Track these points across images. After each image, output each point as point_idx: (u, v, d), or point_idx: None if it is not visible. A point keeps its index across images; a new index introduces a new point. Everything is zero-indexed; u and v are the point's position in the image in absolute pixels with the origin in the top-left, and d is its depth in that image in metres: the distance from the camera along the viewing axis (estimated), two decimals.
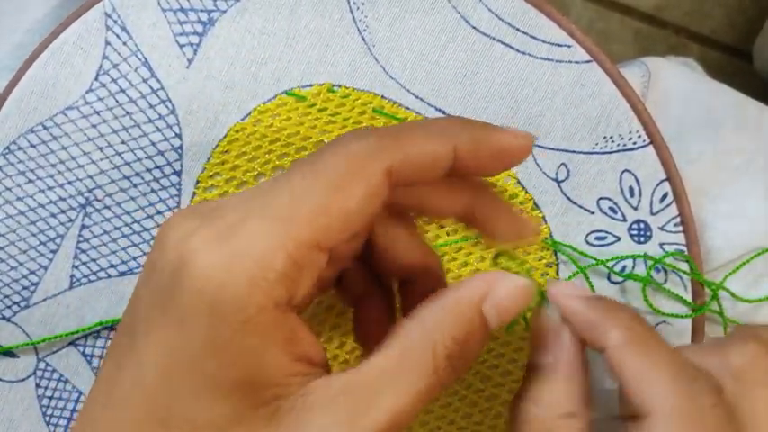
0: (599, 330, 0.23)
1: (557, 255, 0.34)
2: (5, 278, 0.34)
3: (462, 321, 0.22)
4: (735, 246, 0.35)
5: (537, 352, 0.24)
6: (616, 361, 0.22)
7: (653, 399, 0.21)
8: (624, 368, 0.22)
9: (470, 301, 0.22)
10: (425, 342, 0.21)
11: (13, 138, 0.34)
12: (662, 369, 0.22)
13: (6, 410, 0.35)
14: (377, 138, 0.21)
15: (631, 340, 0.22)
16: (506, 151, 0.23)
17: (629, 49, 0.83)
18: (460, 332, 0.22)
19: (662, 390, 0.21)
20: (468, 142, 0.22)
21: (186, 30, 0.33)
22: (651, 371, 0.22)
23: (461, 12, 0.33)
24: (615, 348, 0.22)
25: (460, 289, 0.22)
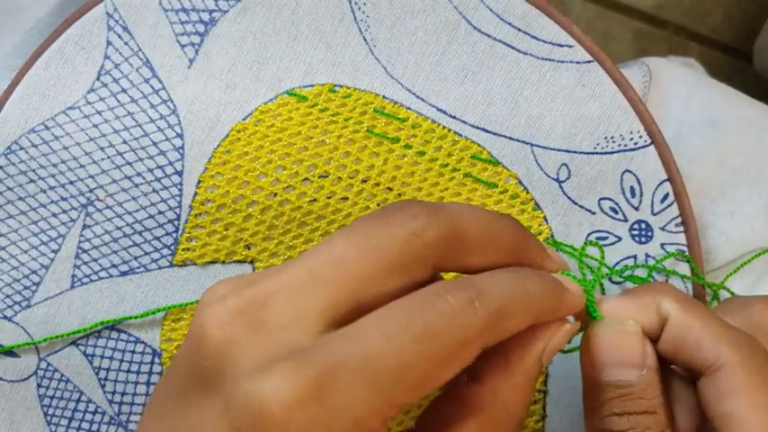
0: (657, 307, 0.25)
1: None
2: (7, 278, 0.34)
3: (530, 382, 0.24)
4: (735, 246, 0.35)
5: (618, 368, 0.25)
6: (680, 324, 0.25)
7: (724, 350, 0.24)
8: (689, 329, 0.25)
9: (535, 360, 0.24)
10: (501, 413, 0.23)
11: (15, 137, 0.34)
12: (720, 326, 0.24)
13: (8, 410, 0.35)
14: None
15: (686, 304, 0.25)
16: None
17: (629, 49, 0.83)
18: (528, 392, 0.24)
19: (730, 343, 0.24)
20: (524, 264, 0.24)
21: (188, 30, 0.33)
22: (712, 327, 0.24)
23: (463, 12, 0.33)
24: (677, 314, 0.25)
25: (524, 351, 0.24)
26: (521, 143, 0.34)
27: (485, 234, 0.23)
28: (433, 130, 0.34)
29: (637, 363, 0.25)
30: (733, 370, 0.24)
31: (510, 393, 0.23)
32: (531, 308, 0.23)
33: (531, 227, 0.34)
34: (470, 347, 0.21)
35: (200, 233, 0.34)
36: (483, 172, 0.34)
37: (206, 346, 0.21)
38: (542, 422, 0.34)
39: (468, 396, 0.23)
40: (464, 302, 0.21)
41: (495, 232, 0.23)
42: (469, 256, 0.23)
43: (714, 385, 0.24)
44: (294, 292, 0.21)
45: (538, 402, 0.34)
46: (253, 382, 0.19)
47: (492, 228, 0.23)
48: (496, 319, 0.21)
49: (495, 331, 0.22)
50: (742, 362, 0.24)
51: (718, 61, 0.84)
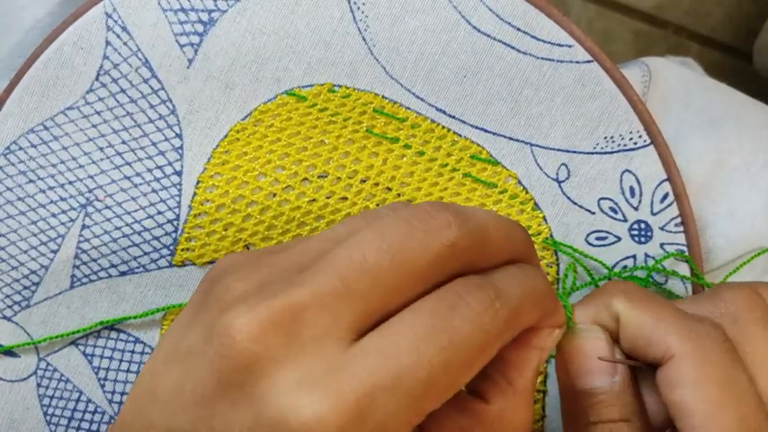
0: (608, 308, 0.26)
1: (557, 255, 0.34)
2: (6, 278, 0.34)
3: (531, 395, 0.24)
4: (735, 245, 0.35)
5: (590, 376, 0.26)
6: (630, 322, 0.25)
7: (673, 342, 0.24)
8: (639, 326, 0.25)
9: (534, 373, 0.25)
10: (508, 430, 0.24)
11: (14, 138, 0.34)
12: (670, 318, 0.25)
13: (7, 410, 0.35)
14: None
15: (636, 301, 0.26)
16: None
17: (629, 48, 0.83)
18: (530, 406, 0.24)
19: (677, 335, 0.24)
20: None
21: (187, 30, 0.33)
22: (662, 322, 0.25)
23: (462, 11, 0.33)
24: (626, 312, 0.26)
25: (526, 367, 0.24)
26: (520, 143, 0.34)
27: (504, 243, 0.24)
28: (432, 129, 0.34)
29: (606, 369, 0.26)
30: (682, 360, 0.24)
31: (515, 411, 0.24)
32: (539, 305, 0.24)
33: (531, 227, 0.34)
34: (492, 348, 0.21)
35: (199, 233, 0.34)
36: (482, 172, 0.34)
37: (233, 356, 0.20)
38: (542, 422, 0.34)
39: (476, 412, 0.24)
40: (486, 305, 0.21)
41: (512, 241, 0.24)
42: (487, 263, 0.23)
43: (665, 375, 0.24)
44: (327, 302, 0.21)
45: (537, 402, 0.34)
46: (289, 400, 0.19)
47: (510, 237, 0.24)
48: (514, 318, 0.22)
49: (512, 331, 0.22)
50: (691, 352, 0.24)
51: (717, 61, 0.84)
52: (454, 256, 0.22)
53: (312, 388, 0.19)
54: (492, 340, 0.21)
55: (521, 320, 0.23)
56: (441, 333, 0.20)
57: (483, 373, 0.24)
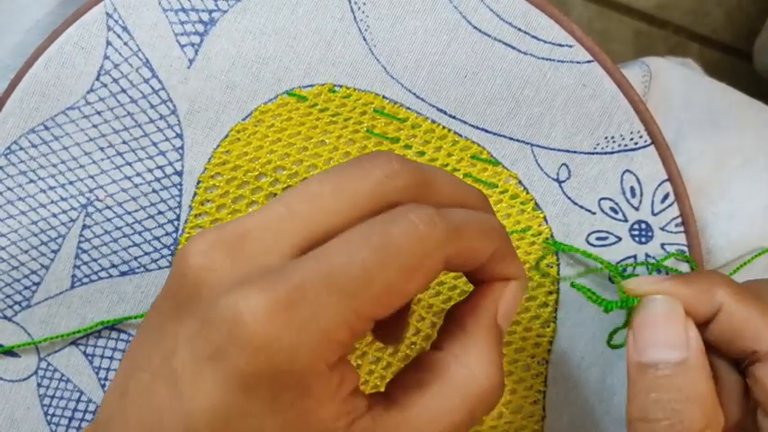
0: (708, 295, 0.26)
1: (558, 255, 0.34)
2: (7, 278, 0.34)
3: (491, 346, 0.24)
4: (735, 245, 0.35)
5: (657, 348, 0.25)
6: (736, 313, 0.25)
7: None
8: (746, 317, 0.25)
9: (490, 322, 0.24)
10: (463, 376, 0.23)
11: (15, 138, 0.34)
12: None
13: (8, 410, 0.35)
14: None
15: (740, 293, 0.26)
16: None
17: (628, 48, 0.83)
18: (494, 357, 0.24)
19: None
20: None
21: (187, 30, 0.33)
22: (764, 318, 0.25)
23: (463, 11, 0.33)
24: (732, 303, 0.25)
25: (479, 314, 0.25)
26: (521, 143, 0.34)
27: (453, 192, 0.24)
28: (432, 130, 0.34)
29: (677, 343, 0.25)
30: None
31: (470, 356, 0.24)
32: (486, 235, 0.24)
33: (531, 227, 0.34)
34: (431, 258, 0.22)
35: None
36: (483, 172, 0.34)
37: (184, 274, 0.22)
38: (542, 422, 0.34)
39: (431, 362, 0.24)
40: (424, 218, 0.21)
41: (463, 194, 0.24)
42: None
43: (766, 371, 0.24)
44: (271, 224, 0.22)
45: (538, 403, 0.34)
46: (227, 298, 0.20)
47: (460, 190, 0.24)
48: (455, 234, 0.22)
49: (453, 245, 0.22)
50: None
51: (717, 61, 0.84)
52: (396, 189, 0.22)
53: (246, 285, 0.20)
54: (430, 248, 0.21)
55: (462, 238, 0.23)
56: (374, 235, 0.21)
57: (442, 329, 0.25)
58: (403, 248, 0.21)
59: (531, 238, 0.34)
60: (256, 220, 0.22)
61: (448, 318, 0.25)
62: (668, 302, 0.26)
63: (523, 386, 0.34)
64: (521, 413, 0.34)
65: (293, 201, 0.22)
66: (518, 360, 0.34)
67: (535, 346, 0.34)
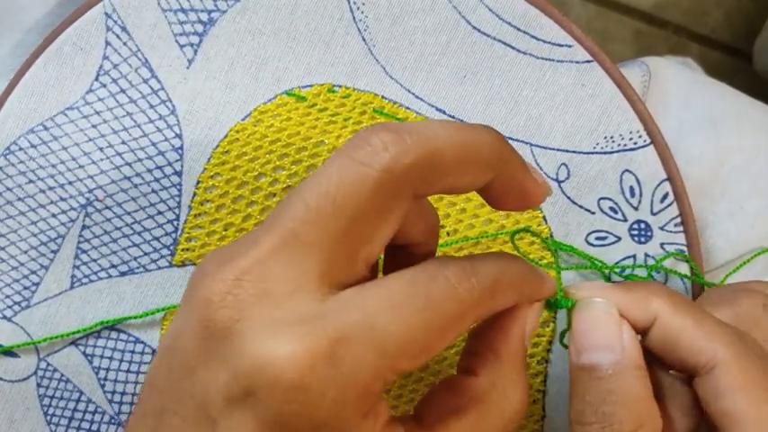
0: (644, 304, 0.25)
1: (557, 254, 0.34)
2: (6, 278, 0.34)
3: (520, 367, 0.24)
4: (735, 245, 0.35)
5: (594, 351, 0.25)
6: (671, 325, 0.25)
7: (718, 348, 0.24)
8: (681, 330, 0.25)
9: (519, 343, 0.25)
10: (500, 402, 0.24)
11: (14, 138, 0.34)
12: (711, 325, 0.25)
13: (7, 410, 0.35)
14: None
15: (678, 304, 0.25)
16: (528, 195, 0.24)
17: (628, 48, 0.83)
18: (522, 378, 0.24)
19: (722, 342, 0.24)
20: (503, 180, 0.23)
21: (186, 30, 0.33)
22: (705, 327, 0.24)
23: (462, 11, 0.33)
24: (667, 314, 0.25)
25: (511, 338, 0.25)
26: (520, 143, 0.34)
27: (462, 152, 0.22)
28: None
29: (609, 345, 0.25)
30: (728, 367, 0.24)
31: (505, 382, 0.24)
32: (517, 286, 0.24)
33: (531, 226, 0.34)
34: (466, 320, 0.22)
35: (199, 233, 0.34)
36: None
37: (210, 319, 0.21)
38: (542, 422, 0.34)
39: (467, 388, 0.24)
40: (462, 278, 0.21)
41: (472, 148, 0.22)
42: (448, 177, 0.22)
43: (711, 384, 0.24)
44: (283, 256, 0.21)
45: (537, 403, 0.34)
46: (261, 345, 0.20)
47: (469, 143, 0.22)
48: (489, 294, 0.22)
49: (487, 306, 0.22)
50: (736, 358, 0.24)
51: (717, 61, 0.84)
52: (399, 180, 0.21)
53: (284, 333, 0.20)
54: (466, 312, 0.22)
55: (496, 297, 0.23)
56: (418, 297, 0.21)
57: (471, 351, 0.25)
58: (443, 311, 0.21)
59: (530, 238, 0.34)
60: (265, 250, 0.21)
61: (475, 339, 0.25)
62: (602, 305, 0.26)
63: None
64: None
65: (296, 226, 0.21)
66: None
67: (534, 346, 0.34)
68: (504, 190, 0.23)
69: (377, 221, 0.21)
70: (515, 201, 0.24)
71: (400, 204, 0.22)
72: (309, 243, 0.21)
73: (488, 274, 0.22)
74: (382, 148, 0.21)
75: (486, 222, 0.34)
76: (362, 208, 0.21)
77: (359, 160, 0.21)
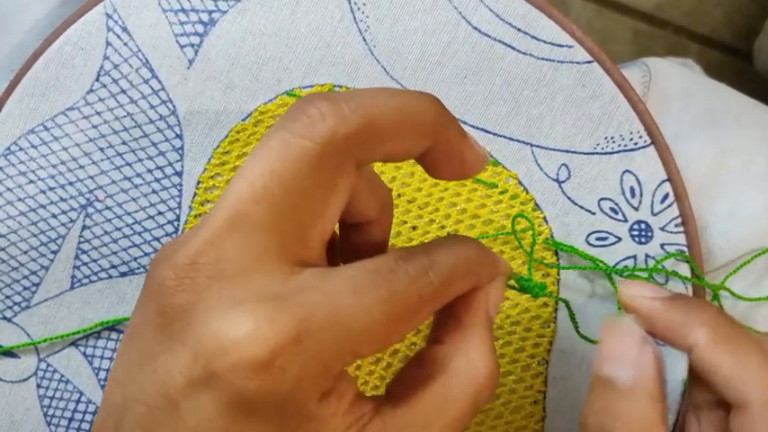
0: (685, 331, 0.25)
1: (557, 255, 0.34)
2: (7, 279, 0.34)
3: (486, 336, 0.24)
4: (735, 245, 0.35)
5: (612, 364, 0.25)
6: (707, 359, 0.24)
7: (750, 392, 0.24)
8: (716, 366, 0.24)
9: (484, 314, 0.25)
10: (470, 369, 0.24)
11: (14, 138, 0.34)
12: (753, 364, 0.24)
13: (8, 411, 0.35)
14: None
15: (719, 338, 0.25)
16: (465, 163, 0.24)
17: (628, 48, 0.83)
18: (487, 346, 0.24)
19: (758, 384, 0.24)
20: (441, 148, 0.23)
21: (187, 30, 0.33)
22: (744, 366, 0.24)
23: (462, 12, 0.33)
24: (705, 347, 0.24)
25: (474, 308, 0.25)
26: (521, 143, 0.34)
27: (401, 118, 0.22)
28: None
29: (630, 362, 0.25)
30: (759, 412, 0.24)
31: (469, 347, 0.24)
32: (472, 273, 0.24)
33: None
34: (424, 311, 0.22)
35: None
36: (483, 172, 0.34)
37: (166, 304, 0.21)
38: (542, 422, 0.34)
39: (432, 357, 0.24)
40: (421, 272, 0.22)
41: (411, 114, 0.22)
42: (388, 144, 0.22)
43: (740, 421, 0.24)
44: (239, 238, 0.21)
45: (538, 403, 0.34)
46: (223, 324, 0.20)
47: (407, 109, 0.22)
48: (446, 286, 0.23)
49: (445, 295, 0.23)
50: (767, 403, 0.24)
51: (717, 61, 0.84)
52: (338, 149, 0.21)
53: (247, 311, 0.20)
54: (425, 304, 0.22)
55: (453, 286, 0.23)
56: (381, 287, 0.21)
57: (438, 323, 0.25)
58: (404, 303, 0.21)
59: (531, 239, 0.34)
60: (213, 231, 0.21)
61: (442, 312, 0.26)
62: (630, 322, 0.26)
63: (523, 386, 0.34)
64: (521, 413, 0.34)
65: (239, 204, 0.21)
66: (518, 360, 0.34)
67: (535, 347, 0.34)
68: (442, 158, 0.23)
69: (324, 195, 0.21)
70: (453, 169, 0.24)
71: (345, 175, 0.22)
72: (260, 223, 0.21)
73: (445, 266, 0.23)
74: (320, 118, 0.20)
75: (487, 222, 0.34)
76: (307, 183, 0.21)
77: (298, 134, 0.21)
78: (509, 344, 0.34)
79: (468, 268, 0.24)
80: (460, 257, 0.24)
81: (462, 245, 0.24)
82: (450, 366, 0.24)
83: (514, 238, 0.34)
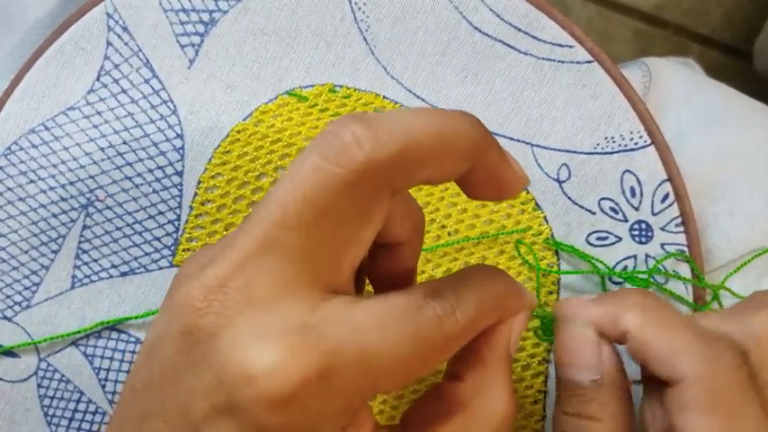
0: (617, 320, 0.25)
1: (558, 255, 0.34)
2: (7, 278, 0.34)
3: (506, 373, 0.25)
4: (735, 245, 0.35)
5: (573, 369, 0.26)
6: (639, 341, 0.25)
7: (683, 367, 0.24)
8: (649, 346, 0.24)
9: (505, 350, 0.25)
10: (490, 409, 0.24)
11: (15, 138, 0.34)
12: (683, 339, 0.24)
13: (8, 410, 0.35)
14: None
15: (649, 319, 0.25)
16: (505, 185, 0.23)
17: (628, 48, 0.83)
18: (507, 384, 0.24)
19: (688, 358, 0.24)
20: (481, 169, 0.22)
21: (188, 30, 0.33)
22: (675, 343, 0.24)
23: (463, 12, 0.33)
24: (636, 330, 0.25)
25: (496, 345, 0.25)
26: (521, 143, 0.34)
27: (440, 142, 0.21)
28: None
29: (588, 366, 0.25)
30: (692, 385, 0.24)
31: (491, 387, 0.24)
32: (498, 308, 0.24)
33: (532, 227, 0.34)
34: (449, 350, 0.22)
35: (200, 233, 0.34)
36: None
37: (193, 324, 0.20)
38: (542, 422, 0.34)
39: (452, 394, 0.24)
40: (449, 311, 0.22)
41: (451, 137, 0.21)
42: (426, 170, 0.21)
43: (673, 396, 0.24)
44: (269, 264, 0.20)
45: (538, 403, 0.34)
46: (249, 353, 0.19)
47: (447, 133, 0.21)
48: (473, 324, 0.23)
49: (470, 334, 0.23)
50: (702, 378, 0.23)
51: (717, 61, 0.84)
52: (373, 177, 0.20)
53: (273, 341, 0.19)
54: (451, 344, 0.22)
55: (480, 324, 0.23)
56: (408, 325, 0.21)
57: (457, 357, 0.25)
58: (430, 342, 0.21)
59: (531, 238, 0.34)
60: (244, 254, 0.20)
61: None
62: (580, 325, 0.26)
63: (524, 386, 0.34)
64: (521, 413, 0.34)
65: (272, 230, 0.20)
66: (518, 360, 0.34)
67: (535, 346, 0.34)
68: (481, 179, 0.23)
69: (358, 222, 0.21)
70: (493, 190, 0.23)
71: (380, 202, 0.21)
72: (291, 249, 0.20)
73: (471, 305, 0.22)
74: (355, 144, 0.20)
75: (488, 222, 0.34)
76: (341, 210, 0.20)
77: (333, 161, 0.20)
78: (522, 348, 0.34)
79: (495, 304, 0.24)
80: (488, 293, 0.23)
81: (490, 279, 0.24)
82: (470, 405, 0.24)
83: (517, 252, 0.34)
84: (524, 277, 0.34)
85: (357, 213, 0.21)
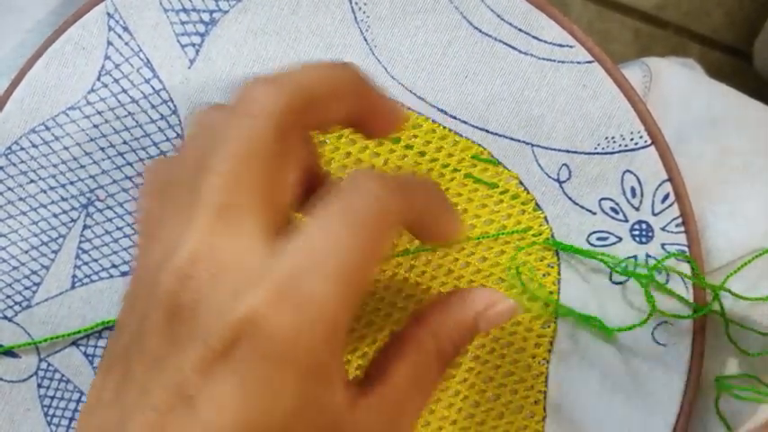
0: None
1: (558, 255, 0.34)
2: (7, 278, 0.34)
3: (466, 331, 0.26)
4: (735, 246, 0.35)
5: None
6: None
7: None
8: None
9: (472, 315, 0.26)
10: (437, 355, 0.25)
11: (15, 138, 0.34)
12: None
13: (8, 410, 0.35)
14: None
15: None
16: (388, 117, 0.26)
17: (629, 49, 0.83)
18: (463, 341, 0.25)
19: None
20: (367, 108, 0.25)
21: (188, 30, 0.33)
22: None
23: (463, 12, 0.33)
24: None
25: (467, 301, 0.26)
26: (521, 143, 0.34)
27: (327, 87, 0.24)
28: (433, 130, 0.34)
29: None
30: None
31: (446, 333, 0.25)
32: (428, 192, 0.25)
33: (532, 227, 0.34)
34: (394, 226, 0.23)
35: None
36: (484, 172, 0.34)
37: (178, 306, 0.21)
38: (543, 422, 0.34)
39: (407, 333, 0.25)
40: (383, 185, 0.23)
41: (335, 83, 0.24)
42: (323, 111, 0.24)
43: None
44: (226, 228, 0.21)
45: (538, 403, 0.34)
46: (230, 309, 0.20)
47: (332, 80, 0.24)
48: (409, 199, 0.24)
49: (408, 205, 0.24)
50: None
51: (718, 61, 0.84)
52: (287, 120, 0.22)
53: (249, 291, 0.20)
54: (391, 218, 0.23)
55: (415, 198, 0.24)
56: (346, 215, 0.22)
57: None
58: (372, 221, 0.22)
59: (531, 239, 0.34)
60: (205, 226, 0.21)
61: None
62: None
63: (524, 386, 0.34)
64: (522, 413, 0.34)
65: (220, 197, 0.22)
66: (519, 360, 0.34)
67: (536, 347, 0.34)
68: (369, 118, 0.25)
69: (286, 165, 0.23)
70: (381, 125, 0.26)
71: (298, 142, 0.23)
72: (240, 208, 0.22)
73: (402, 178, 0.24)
74: (265, 97, 0.22)
75: (488, 222, 0.34)
76: (270, 158, 0.22)
77: (250, 114, 0.22)
78: (510, 344, 0.34)
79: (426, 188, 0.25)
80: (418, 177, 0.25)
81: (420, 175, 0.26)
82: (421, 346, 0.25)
83: (515, 274, 0.34)
84: (535, 284, 0.34)
85: (284, 157, 0.23)
